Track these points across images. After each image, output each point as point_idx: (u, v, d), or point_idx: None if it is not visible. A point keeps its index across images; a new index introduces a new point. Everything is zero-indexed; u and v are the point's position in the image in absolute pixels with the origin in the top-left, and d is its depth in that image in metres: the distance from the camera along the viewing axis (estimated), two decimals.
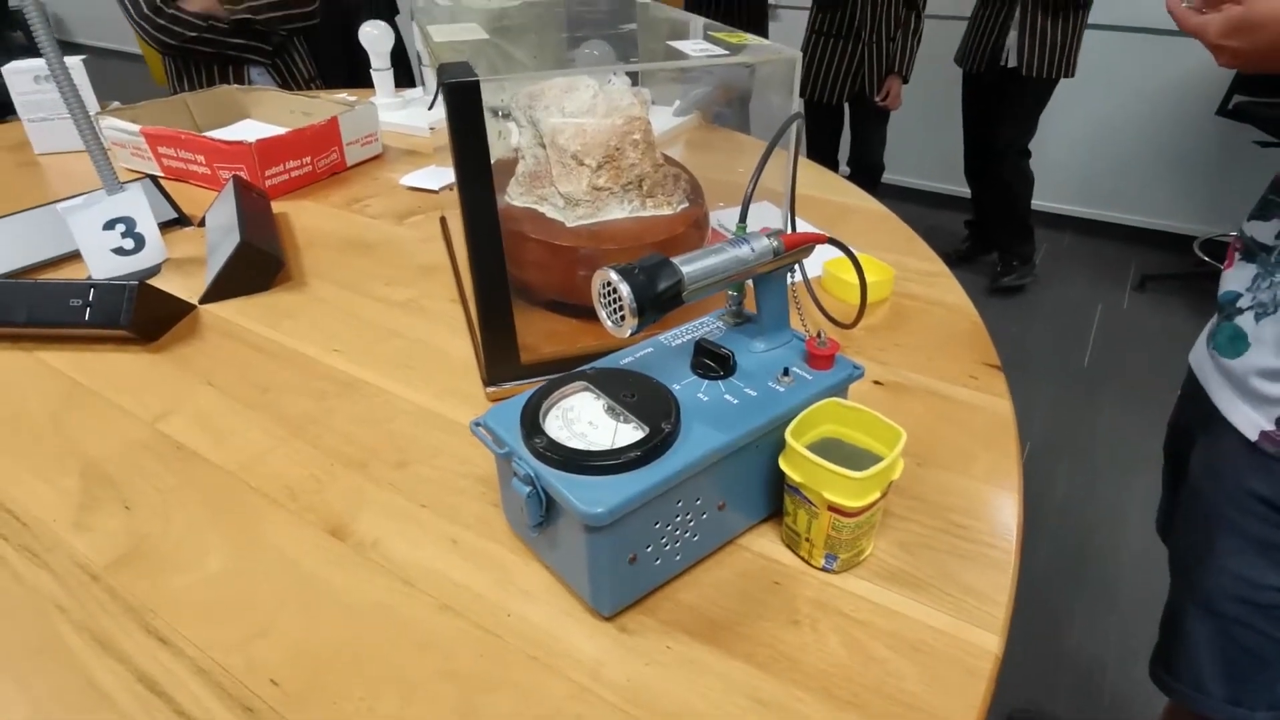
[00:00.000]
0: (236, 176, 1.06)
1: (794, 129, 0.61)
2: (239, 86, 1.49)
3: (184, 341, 0.81)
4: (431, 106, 0.58)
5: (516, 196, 0.78)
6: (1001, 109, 2.55)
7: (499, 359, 0.66)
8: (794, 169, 0.61)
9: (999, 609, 0.48)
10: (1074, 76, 2.40)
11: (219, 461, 0.63)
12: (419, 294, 0.88)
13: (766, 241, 0.51)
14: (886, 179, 2.91)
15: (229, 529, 0.57)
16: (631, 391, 0.49)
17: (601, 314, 0.47)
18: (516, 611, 0.49)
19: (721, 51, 0.66)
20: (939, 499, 0.58)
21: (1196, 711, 0.81)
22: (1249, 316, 0.73)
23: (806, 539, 0.51)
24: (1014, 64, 2.40)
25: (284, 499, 0.59)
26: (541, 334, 0.72)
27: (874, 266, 0.84)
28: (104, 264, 0.91)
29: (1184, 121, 2.89)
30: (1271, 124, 2.45)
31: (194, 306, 0.87)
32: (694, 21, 0.84)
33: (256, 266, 0.89)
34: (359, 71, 1.57)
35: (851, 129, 2.73)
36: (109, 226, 0.91)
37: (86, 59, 1.29)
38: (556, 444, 0.46)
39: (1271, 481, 0.71)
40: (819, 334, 0.54)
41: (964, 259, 2.99)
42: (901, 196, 3.51)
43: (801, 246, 0.53)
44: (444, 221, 1.04)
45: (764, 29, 2.82)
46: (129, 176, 1.17)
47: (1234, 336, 0.74)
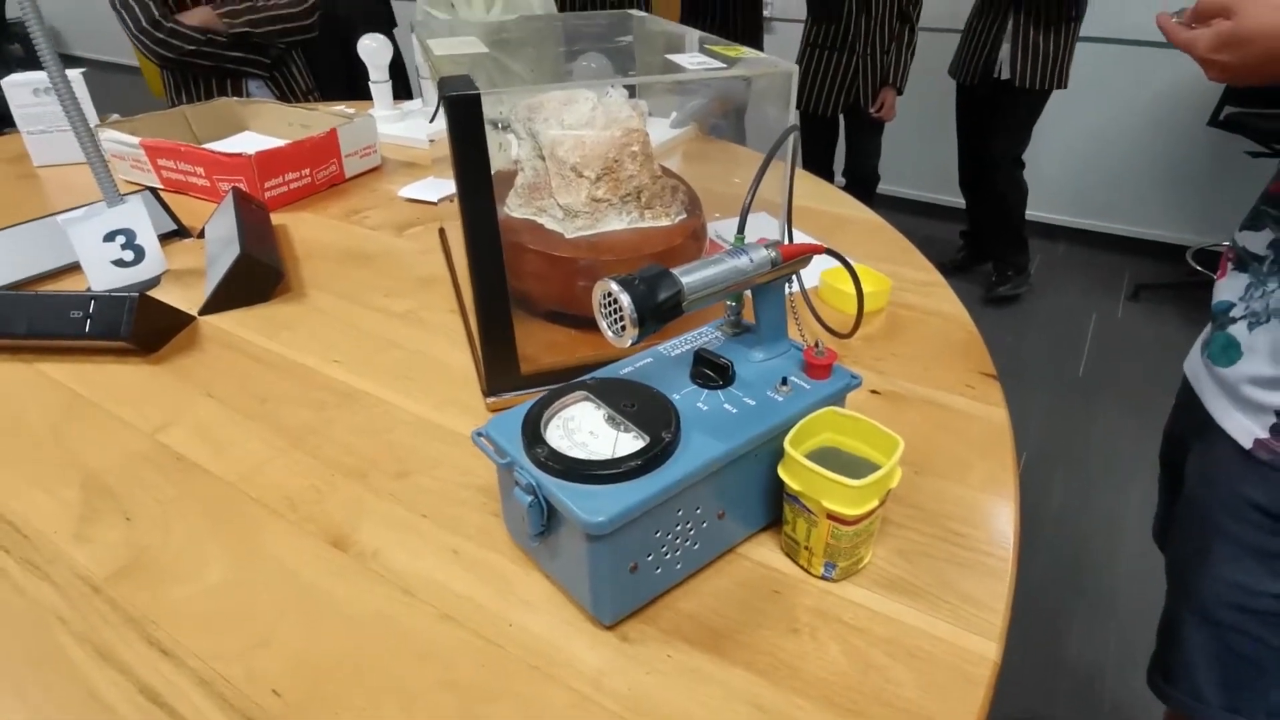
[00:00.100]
0: (236, 188, 1.07)
1: (791, 141, 0.62)
2: (238, 99, 1.50)
3: (184, 353, 0.81)
4: (433, 119, 0.59)
5: (516, 208, 0.78)
6: (995, 120, 2.57)
7: (499, 369, 0.67)
8: (790, 181, 0.61)
9: (997, 616, 0.49)
10: (1066, 88, 2.42)
11: (219, 472, 0.64)
12: (418, 305, 0.89)
13: (764, 252, 0.52)
14: (882, 189, 2.93)
15: (229, 540, 0.57)
16: (631, 401, 0.50)
17: (602, 324, 0.48)
18: (517, 621, 0.49)
19: (718, 65, 0.67)
20: (937, 507, 0.58)
21: (1194, 719, 0.82)
22: (1242, 326, 0.73)
23: (806, 547, 0.51)
24: (1007, 76, 2.42)
25: (284, 509, 0.59)
26: (541, 344, 0.73)
27: (870, 277, 0.85)
28: (104, 276, 0.92)
29: (1176, 132, 2.92)
30: (1263, 134, 2.47)
31: (193, 318, 0.87)
32: (689, 34, 0.85)
33: (256, 278, 0.90)
34: (358, 83, 1.58)
35: (847, 140, 2.75)
36: (109, 238, 0.91)
37: (88, 72, 1.30)
38: (558, 453, 0.46)
39: (1266, 488, 0.71)
40: (816, 344, 0.54)
41: (959, 269, 3.01)
42: (897, 207, 3.53)
43: (799, 257, 0.53)
44: (443, 233, 1.04)
45: (759, 41, 2.84)
46: (128, 189, 1.18)
47: (1227, 345, 0.74)
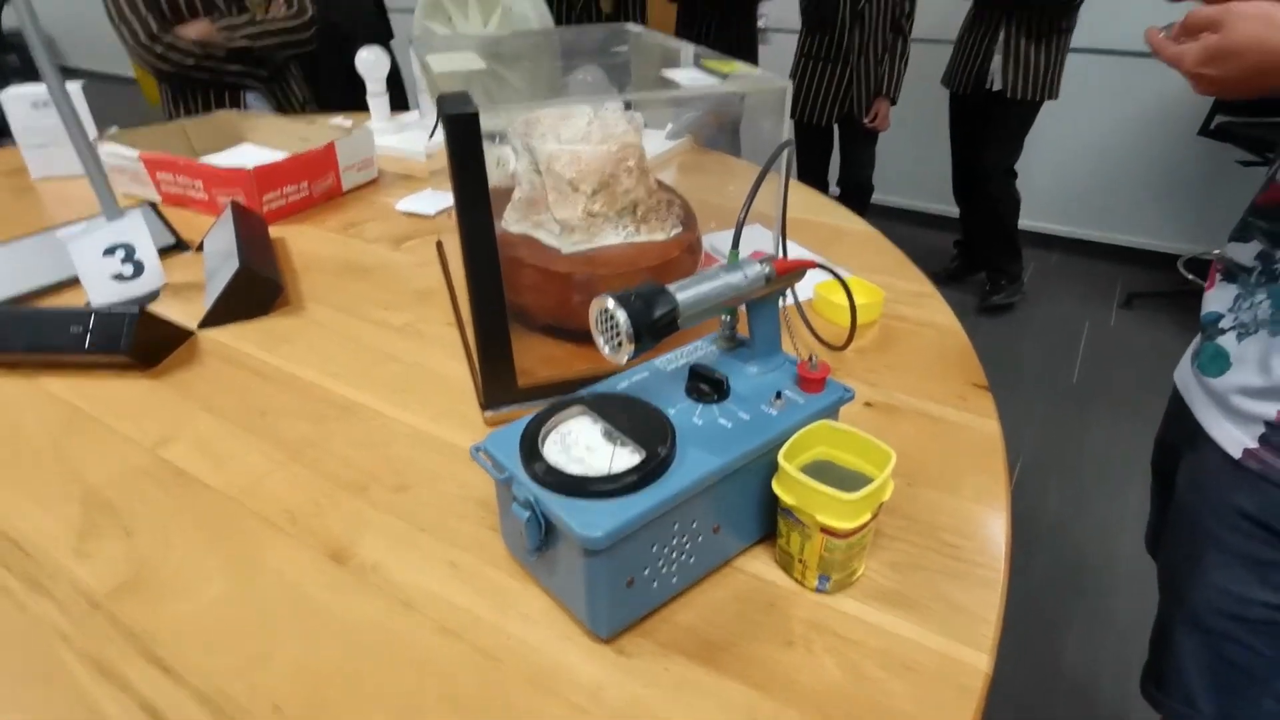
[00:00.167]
0: (235, 202, 1.07)
1: (785, 156, 0.63)
2: (236, 112, 1.51)
3: (183, 366, 0.81)
4: (432, 135, 0.60)
5: (513, 222, 0.79)
6: (987, 131, 2.59)
7: (496, 383, 0.67)
8: (784, 196, 0.62)
9: (989, 627, 0.49)
10: (1058, 99, 2.44)
11: (219, 486, 0.64)
12: (416, 318, 0.89)
13: (758, 268, 0.52)
14: (876, 199, 2.94)
15: (229, 554, 0.57)
16: (628, 416, 0.51)
17: (599, 341, 0.48)
18: (516, 634, 0.50)
19: (713, 80, 0.68)
20: (929, 519, 0.59)
21: None
22: (1231, 336, 0.74)
23: (800, 560, 0.52)
24: (999, 87, 2.44)
25: (284, 523, 0.60)
26: (538, 358, 0.73)
27: (864, 289, 0.86)
28: (103, 290, 0.92)
29: (1167, 142, 2.94)
30: (1253, 143, 2.49)
31: (192, 332, 0.87)
32: (685, 49, 0.86)
33: (255, 292, 0.90)
34: (357, 93, 1.59)
35: (841, 150, 2.77)
36: (109, 253, 0.92)
37: (85, 84, 1.31)
38: (555, 469, 0.47)
39: (1256, 497, 0.72)
40: (810, 357, 0.55)
41: (953, 278, 3.02)
42: (891, 216, 3.55)
43: (792, 272, 0.54)
44: (440, 246, 1.05)
45: (754, 52, 2.86)
46: (127, 202, 1.18)
47: (1216, 356, 0.75)
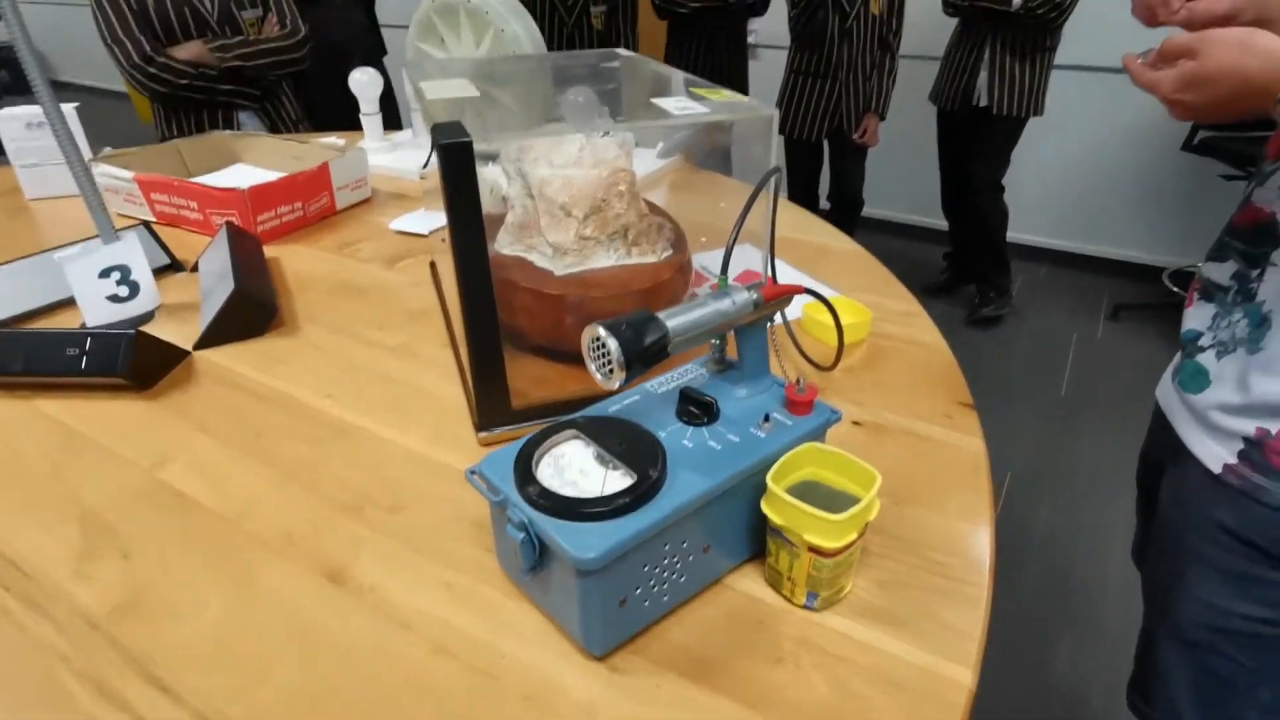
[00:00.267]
0: (229, 223, 1.09)
1: (772, 182, 0.64)
2: (230, 132, 1.52)
3: (179, 388, 0.82)
4: (426, 164, 0.61)
5: (506, 245, 0.80)
6: (975, 146, 2.63)
7: (490, 405, 0.68)
8: (773, 221, 0.64)
9: (973, 644, 0.51)
10: (1043, 115, 2.48)
11: (216, 508, 0.65)
12: (410, 339, 0.90)
13: (747, 294, 0.54)
14: (866, 213, 2.98)
15: (227, 576, 0.58)
16: (620, 439, 0.52)
17: (591, 367, 0.50)
18: (511, 653, 0.51)
19: (702, 109, 0.70)
20: (916, 537, 0.60)
21: None
22: (1210, 354, 0.76)
23: (788, 578, 0.53)
24: (985, 103, 2.48)
25: (281, 545, 0.60)
26: (531, 379, 0.74)
27: (851, 308, 0.87)
28: (99, 311, 0.93)
29: (1152, 156, 2.99)
30: (1235, 157, 2.54)
31: (188, 353, 0.88)
32: (675, 76, 0.87)
33: (251, 313, 0.91)
34: (352, 111, 1.60)
35: (831, 165, 2.80)
36: (104, 274, 0.92)
37: (79, 106, 1.31)
38: (549, 491, 0.48)
39: (1236, 512, 0.73)
40: (798, 380, 0.57)
41: (943, 290, 3.05)
42: (881, 230, 3.58)
43: (780, 298, 0.56)
44: (434, 266, 1.06)
45: (744, 68, 2.90)
46: (121, 222, 1.19)
47: (1196, 373, 0.77)
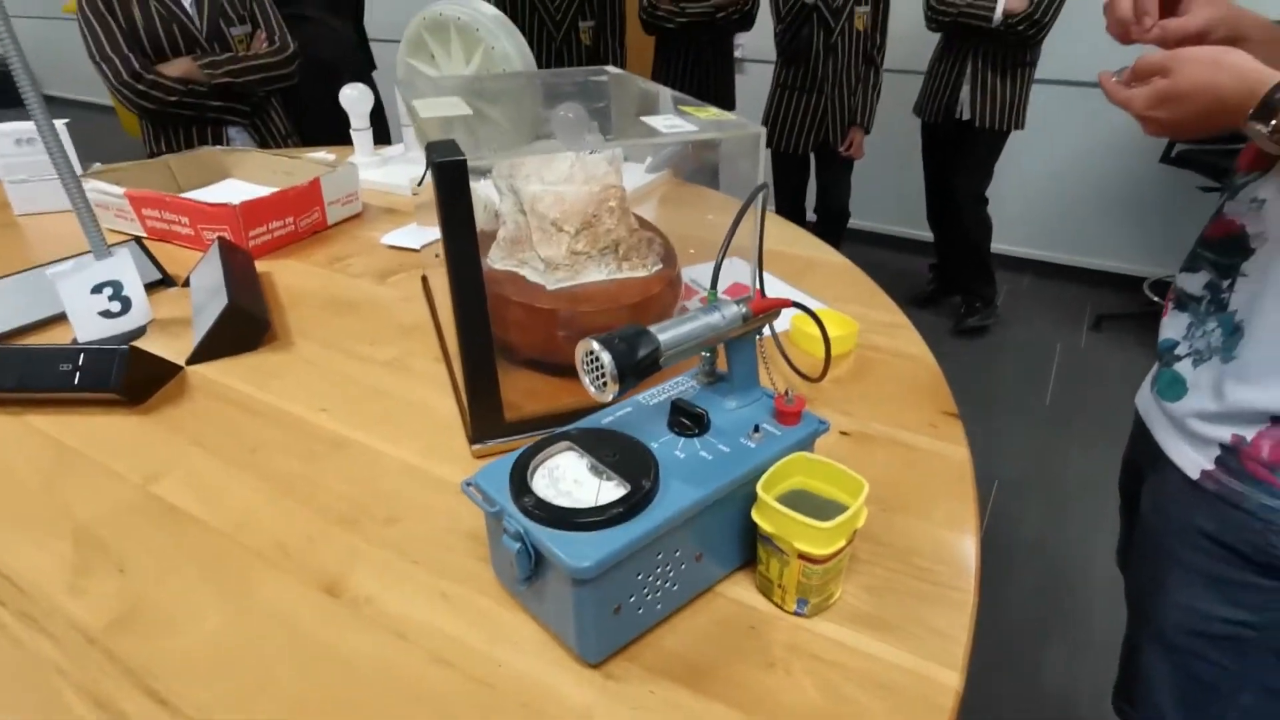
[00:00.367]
0: (221, 238, 1.09)
1: (760, 198, 0.66)
2: (221, 148, 1.53)
3: (172, 403, 0.83)
4: (420, 181, 0.62)
5: (498, 260, 0.81)
6: (958, 158, 2.67)
7: (484, 418, 0.69)
8: (760, 238, 0.65)
9: (960, 647, 0.52)
10: (1024, 128, 2.52)
11: (211, 522, 0.65)
12: (403, 353, 0.91)
13: (736, 308, 0.55)
14: (852, 224, 3.01)
15: (223, 589, 0.58)
16: (613, 450, 0.53)
17: (585, 380, 0.51)
18: (507, 662, 0.51)
19: (690, 127, 0.71)
20: (903, 543, 0.61)
21: None
22: (1187, 363, 0.78)
23: (779, 585, 0.54)
24: (968, 116, 2.52)
25: (277, 557, 0.61)
26: (524, 392, 0.75)
27: (837, 321, 0.89)
28: (90, 327, 0.93)
29: (1131, 168, 3.04)
30: (1212, 169, 2.59)
31: (181, 368, 0.89)
32: (663, 94, 0.89)
33: (244, 328, 0.92)
34: (341, 126, 1.61)
35: (817, 177, 2.83)
36: (97, 290, 0.93)
37: (69, 122, 1.32)
38: (544, 502, 0.49)
39: (1214, 517, 0.75)
40: (787, 391, 0.58)
41: (929, 301, 3.09)
42: (867, 241, 3.62)
43: (768, 312, 0.57)
44: (425, 281, 1.07)
45: (730, 82, 2.93)
46: (112, 238, 1.19)
47: (1173, 381, 0.79)
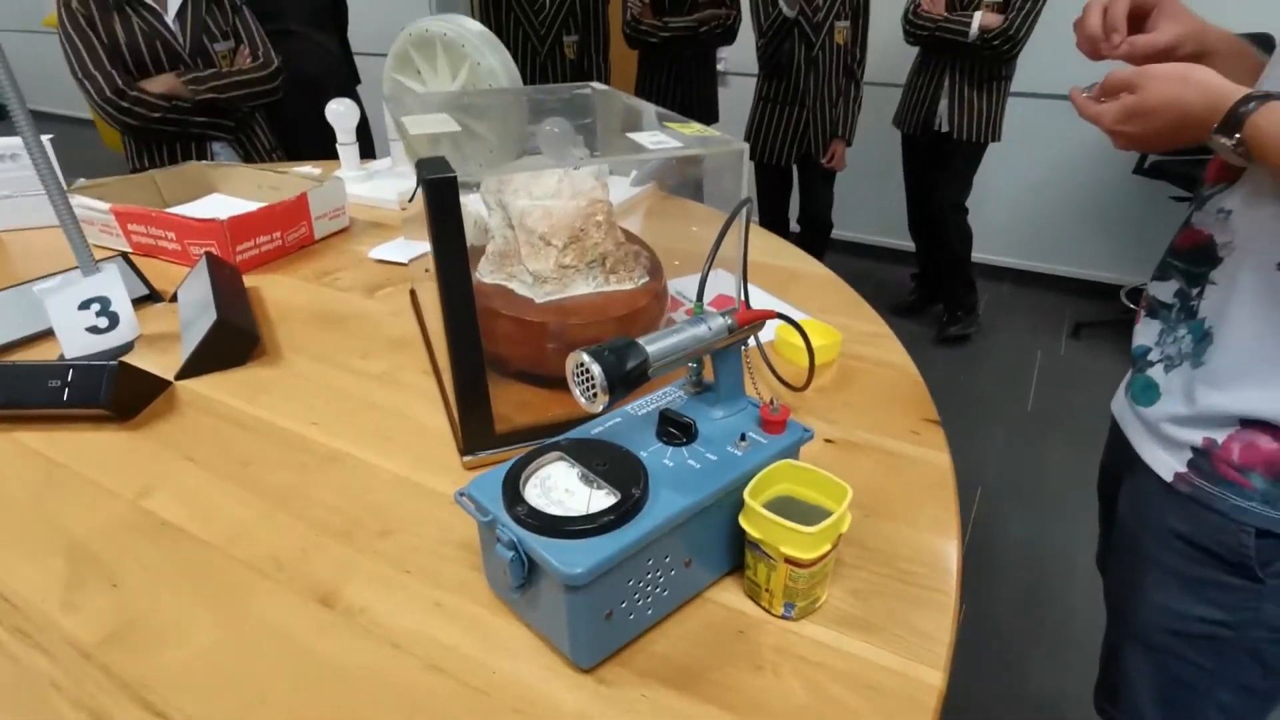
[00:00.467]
0: (209, 253, 1.10)
1: (744, 212, 0.68)
2: (207, 163, 1.53)
3: (162, 418, 0.83)
4: (411, 198, 0.63)
5: (487, 274, 0.83)
6: (937, 170, 2.71)
7: (475, 430, 0.70)
8: (744, 250, 0.67)
9: (942, 647, 0.53)
10: (1000, 140, 2.57)
11: (204, 536, 0.66)
12: (392, 366, 0.92)
13: (721, 320, 0.57)
14: (835, 235, 3.04)
15: (218, 602, 0.59)
16: (603, 460, 0.54)
17: (575, 392, 0.52)
18: (501, 669, 0.52)
19: (675, 143, 0.73)
20: (887, 548, 0.63)
21: None
22: (1159, 369, 0.80)
23: (766, 590, 0.55)
24: (946, 129, 2.57)
25: (271, 570, 0.62)
26: (514, 404, 0.76)
27: (821, 331, 0.91)
28: (77, 343, 0.93)
29: (1106, 179, 3.10)
30: (1183, 179, 2.65)
31: (170, 383, 0.89)
32: (646, 110, 0.91)
33: (233, 343, 0.92)
34: (326, 140, 1.62)
35: (800, 189, 2.87)
36: (84, 306, 0.93)
37: (53, 137, 1.32)
38: (536, 511, 0.50)
39: (1188, 519, 0.77)
40: (772, 400, 0.59)
41: (912, 310, 3.12)
42: (850, 251, 3.66)
43: (753, 323, 0.58)
44: (414, 294, 1.08)
45: (714, 95, 2.97)
46: (97, 253, 1.19)
47: (1146, 387, 0.81)
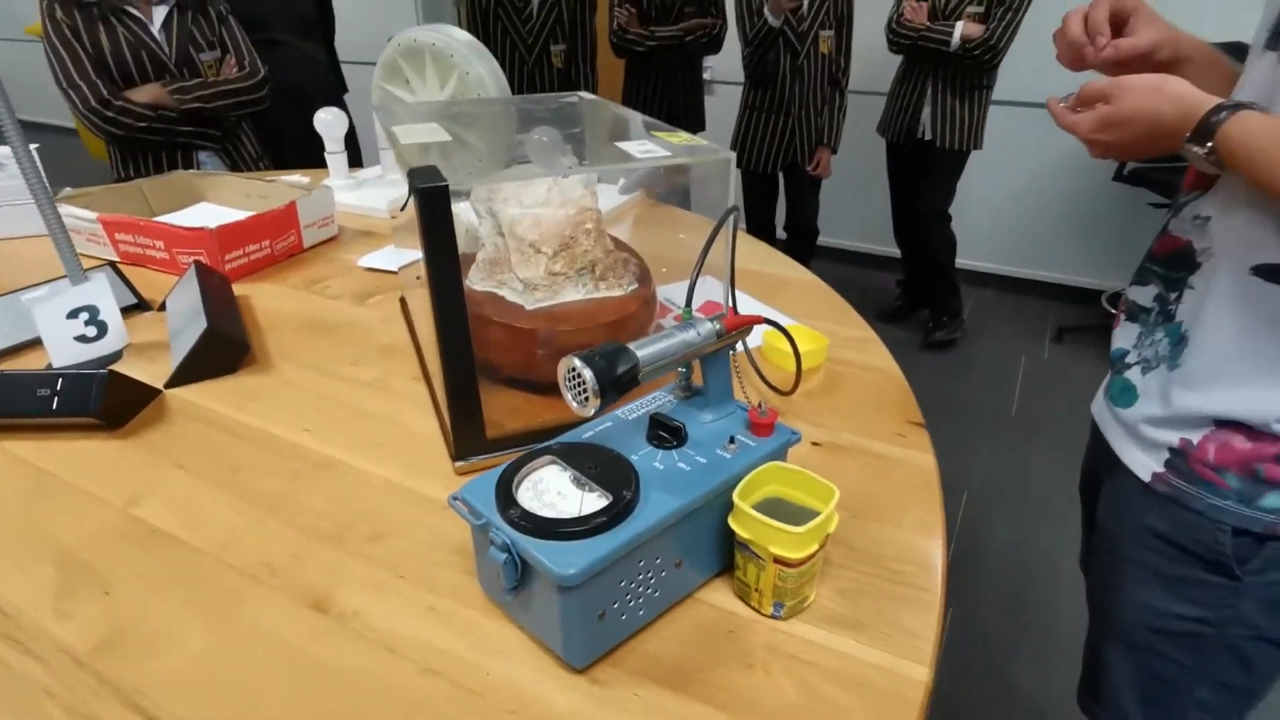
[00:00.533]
0: (198, 262, 1.10)
1: (731, 219, 0.69)
2: (194, 172, 1.53)
3: (151, 426, 0.83)
4: (404, 207, 0.64)
5: (477, 281, 0.83)
6: (921, 177, 2.75)
7: (467, 436, 0.71)
8: (732, 256, 0.68)
9: (928, 644, 0.54)
10: (982, 149, 2.61)
11: (196, 543, 0.66)
12: (383, 373, 0.92)
13: (710, 325, 0.58)
14: (822, 241, 3.07)
15: (211, 608, 0.59)
16: (595, 463, 0.55)
17: (567, 396, 0.53)
18: (495, 670, 0.53)
19: (663, 152, 0.74)
20: (873, 548, 0.64)
21: None
22: (1136, 371, 0.82)
23: (756, 589, 0.56)
24: (929, 137, 2.60)
25: (264, 576, 0.62)
26: (505, 410, 0.77)
27: (808, 336, 0.92)
28: (66, 352, 0.93)
29: (1087, 186, 3.15)
30: (1162, 187, 2.69)
31: (160, 391, 0.89)
32: (634, 119, 0.92)
33: (223, 351, 0.92)
34: (314, 150, 1.62)
35: (787, 196, 2.90)
36: (73, 315, 0.93)
37: (39, 147, 1.32)
38: (529, 513, 0.51)
39: (1166, 518, 0.79)
40: (760, 404, 0.60)
41: (898, 316, 3.15)
42: (837, 258, 3.69)
43: (741, 328, 0.60)
44: (404, 302, 1.09)
45: (700, 104, 3.00)
46: (85, 263, 1.19)
47: (1125, 389, 0.83)
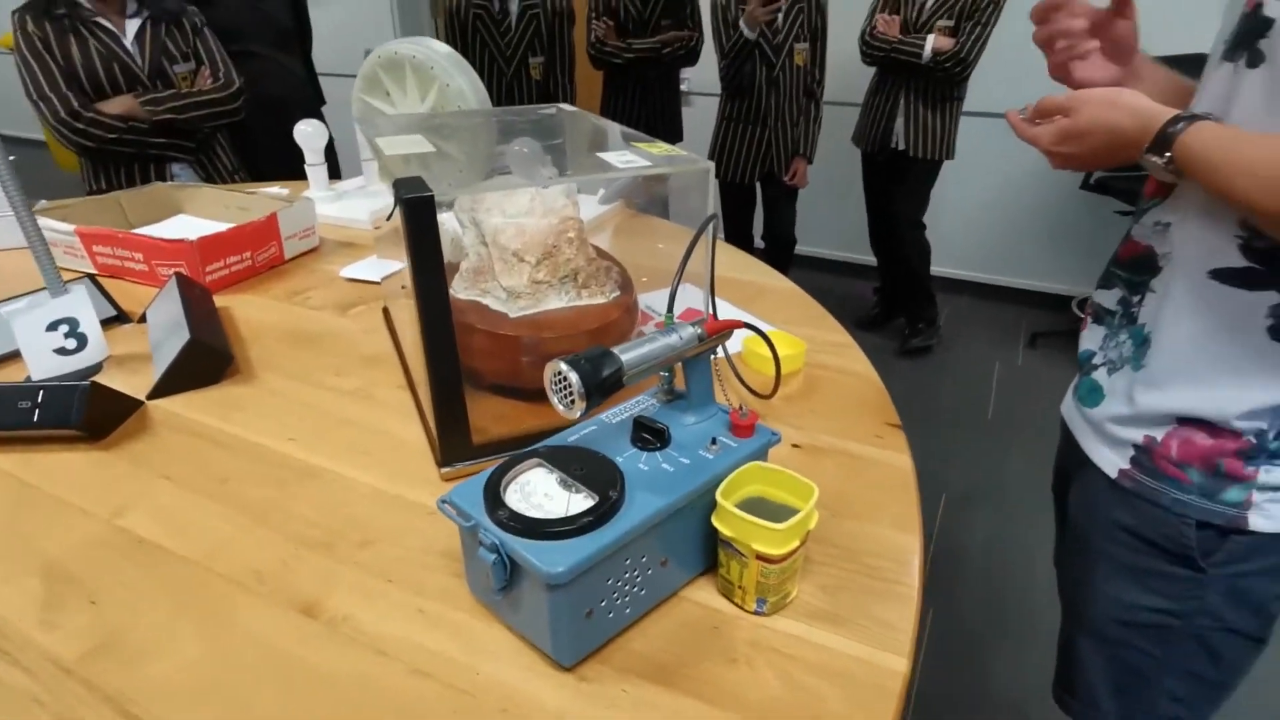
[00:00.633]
0: (178, 273, 1.10)
1: (710, 227, 0.71)
2: (172, 184, 1.52)
3: (134, 437, 0.83)
4: (389, 217, 0.65)
5: (461, 290, 0.84)
6: (895, 186, 2.80)
7: (453, 442, 0.72)
8: (712, 263, 0.69)
9: (906, 636, 0.56)
10: (954, 158, 2.66)
11: (183, 552, 0.66)
12: (367, 383, 0.93)
13: (691, 330, 0.59)
14: (799, 250, 3.11)
15: (200, 616, 0.59)
16: (580, 465, 0.56)
17: (553, 399, 0.54)
18: (485, 670, 0.54)
19: (643, 162, 0.76)
20: (852, 545, 0.66)
21: None
22: (1103, 372, 0.85)
23: (739, 586, 0.58)
24: (903, 147, 2.65)
25: (253, 583, 0.62)
26: (490, 416, 0.78)
27: (787, 341, 0.94)
28: (45, 364, 0.93)
29: (1056, 195, 3.23)
30: (1127, 195, 2.76)
31: (142, 403, 0.89)
32: (612, 130, 0.94)
33: (206, 361, 0.92)
34: (292, 161, 1.62)
35: (764, 206, 2.93)
36: (52, 328, 0.93)
37: (14, 160, 1.31)
38: (517, 514, 0.52)
39: (1133, 512, 0.81)
40: (740, 406, 0.62)
41: (875, 324, 3.20)
42: (814, 267, 3.73)
43: (722, 332, 0.61)
44: (387, 312, 1.09)
45: (678, 114, 3.03)
46: (64, 276, 1.18)
47: (1092, 389, 0.86)
